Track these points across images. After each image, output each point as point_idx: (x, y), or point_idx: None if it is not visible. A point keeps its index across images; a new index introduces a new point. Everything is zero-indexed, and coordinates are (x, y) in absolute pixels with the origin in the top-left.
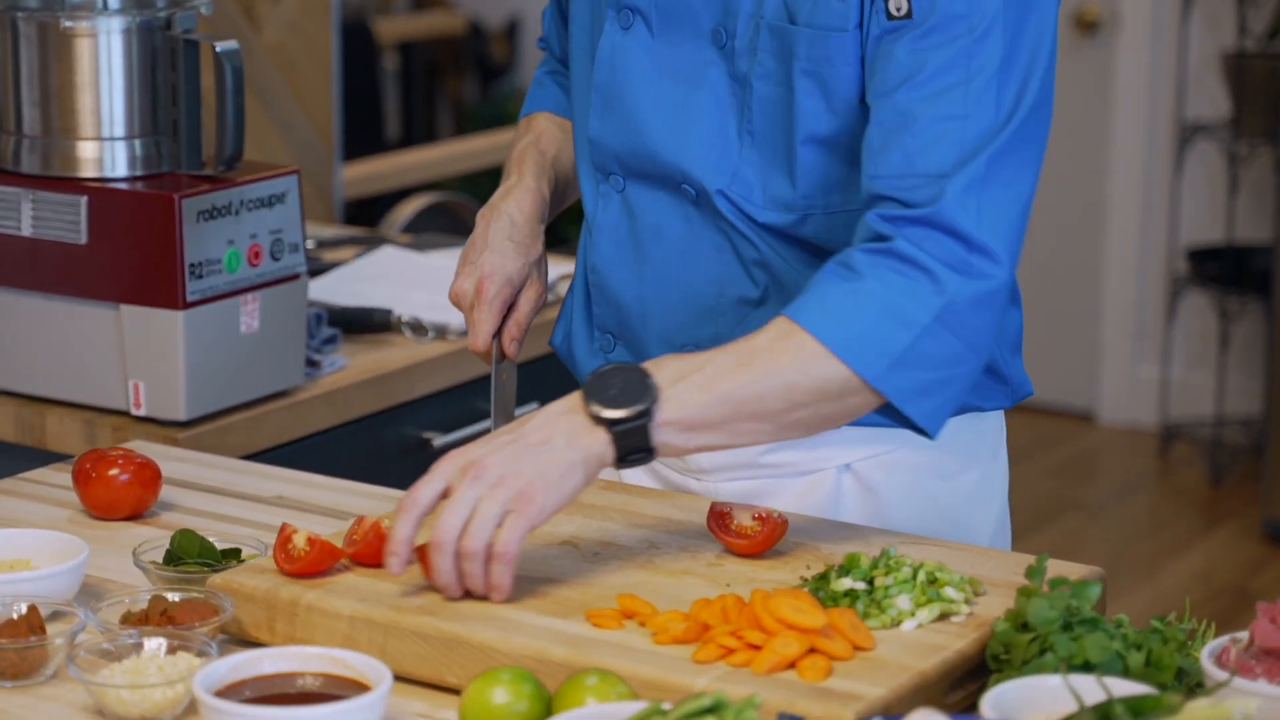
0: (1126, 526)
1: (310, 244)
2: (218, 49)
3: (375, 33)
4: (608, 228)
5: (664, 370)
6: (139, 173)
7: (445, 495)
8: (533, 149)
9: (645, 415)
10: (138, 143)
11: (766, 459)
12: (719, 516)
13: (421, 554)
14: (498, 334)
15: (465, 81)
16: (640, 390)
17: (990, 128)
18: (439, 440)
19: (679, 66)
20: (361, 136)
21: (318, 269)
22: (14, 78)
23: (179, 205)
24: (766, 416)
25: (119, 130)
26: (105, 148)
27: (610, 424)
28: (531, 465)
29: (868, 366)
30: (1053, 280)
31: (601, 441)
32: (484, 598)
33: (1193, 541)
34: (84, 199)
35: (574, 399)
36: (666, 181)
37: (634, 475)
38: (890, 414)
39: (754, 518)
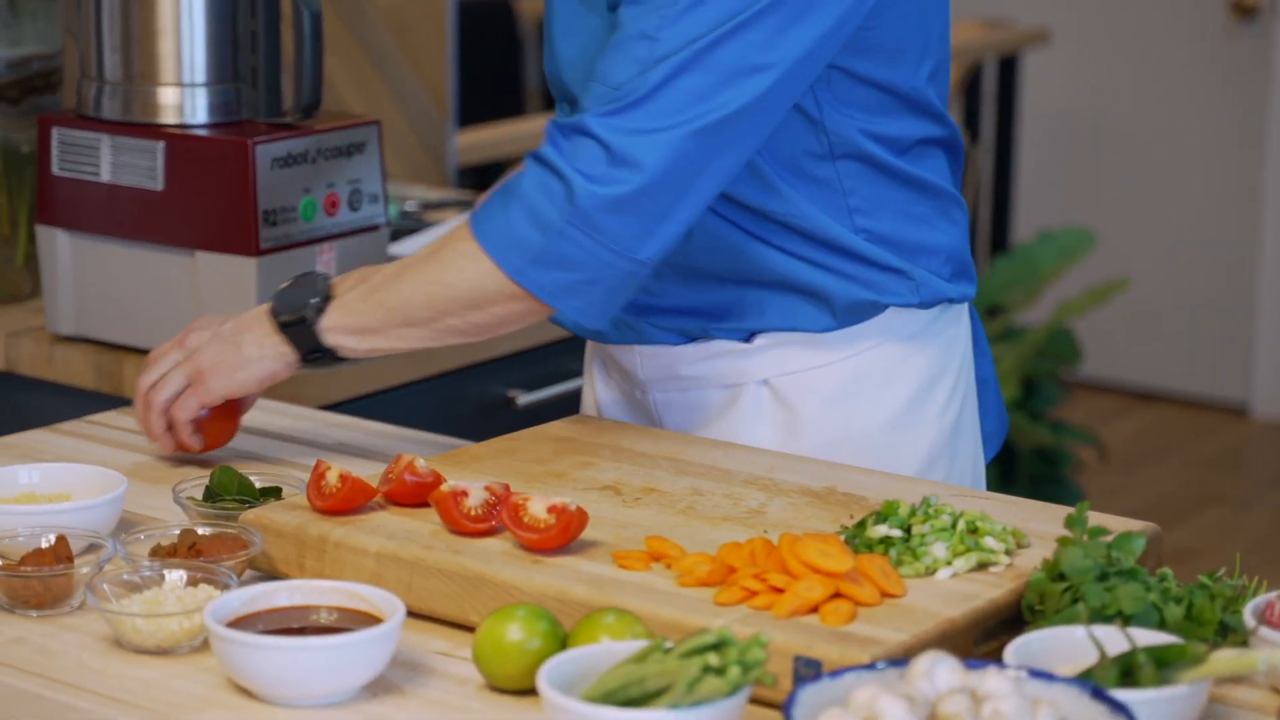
0: (1273, 520)
1: (414, 205)
2: None
3: (518, 11)
4: None
5: (347, 279)
6: (219, 120)
7: None
8: None
9: (308, 320)
10: (218, 89)
11: (687, 371)
12: (512, 509)
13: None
14: None
15: None
16: (309, 295)
17: (669, 51)
18: (523, 398)
19: None
20: (498, 113)
21: (418, 229)
22: (96, 24)
23: (253, 152)
24: (417, 323)
25: (199, 77)
26: (186, 94)
27: (282, 326)
28: (219, 352)
29: (508, 261)
30: (1206, 272)
31: (281, 340)
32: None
33: None
34: (161, 145)
35: (268, 304)
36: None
37: (605, 390)
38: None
39: (548, 510)
